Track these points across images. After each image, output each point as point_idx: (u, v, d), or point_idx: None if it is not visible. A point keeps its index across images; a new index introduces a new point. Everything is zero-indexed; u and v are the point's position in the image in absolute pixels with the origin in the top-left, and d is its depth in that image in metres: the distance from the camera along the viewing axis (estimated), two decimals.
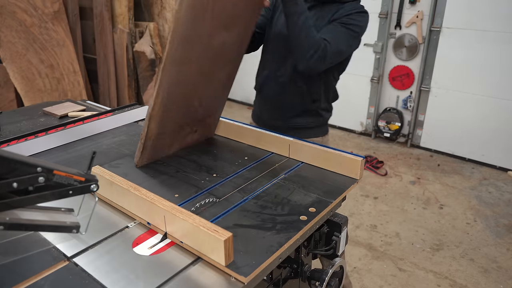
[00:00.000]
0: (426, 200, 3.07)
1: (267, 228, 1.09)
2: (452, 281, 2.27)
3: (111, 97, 4.55)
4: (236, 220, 1.12)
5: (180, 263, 0.98)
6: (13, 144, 1.61)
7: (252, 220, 1.13)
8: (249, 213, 1.16)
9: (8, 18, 3.72)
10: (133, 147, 1.70)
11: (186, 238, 1.00)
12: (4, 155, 0.76)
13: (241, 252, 0.98)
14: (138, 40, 4.50)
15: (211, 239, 0.92)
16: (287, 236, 1.05)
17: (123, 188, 1.12)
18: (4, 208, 0.79)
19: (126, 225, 1.13)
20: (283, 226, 1.10)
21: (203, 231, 0.93)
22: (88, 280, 0.94)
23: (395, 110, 3.96)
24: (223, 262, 0.92)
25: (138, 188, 1.10)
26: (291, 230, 1.08)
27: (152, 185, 1.32)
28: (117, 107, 2.05)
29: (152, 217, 1.08)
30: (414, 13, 3.63)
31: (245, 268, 0.92)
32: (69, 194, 0.85)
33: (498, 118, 3.44)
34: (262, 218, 1.13)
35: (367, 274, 2.31)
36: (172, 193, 1.27)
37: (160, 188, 1.31)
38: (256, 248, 1.00)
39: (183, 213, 0.99)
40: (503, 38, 3.25)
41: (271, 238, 1.04)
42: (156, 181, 1.35)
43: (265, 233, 1.06)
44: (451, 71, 3.59)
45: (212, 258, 0.95)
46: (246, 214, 1.15)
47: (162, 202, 1.04)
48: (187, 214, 0.99)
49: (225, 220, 1.13)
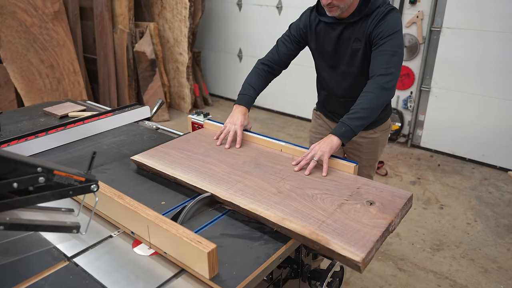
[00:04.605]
0: (427, 200, 3.07)
1: (255, 238, 1.06)
2: (453, 281, 2.27)
3: (111, 97, 4.55)
4: (224, 229, 1.10)
5: (164, 274, 0.95)
6: (13, 144, 1.61)
7: (240, 229, 1.10)
8: (237, 221, 1.14)
9: (9, 18, 3.72)
10: (133, 147, 1.70)
11: (170, 249, 0.97)
12: (4, 155, 0.76)
13: (227, 264, 0.95)
14: (138, 40, 4.51)
15: (194, 250, 0.89)
16: (275, 247, 1.02)
17: (106, 196, 1.08)
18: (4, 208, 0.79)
19: (110, 234, 1.09)
20: (271, 236, 1.07)
21: (186, 243, 0.90)
22: (88, 280, 0.94)
23: (395, 110, 3.96)
24: (207, 274, 0.89)
25: (121, 196, 1.07)
26: (279, 241, 1.05)
27: (139, 192, 1.29)
28: (117, 107, 2.05)
29: (136, 226, 1.04)
30: (414, 13, 3.63)
31: (230, 281, 0.90)
32: (69, 194, 0.85)
33: (499, 118, 3.44)
34: (251, 227, 1.11)
35: (367, 274, 2.31)
36: (159, 200, 1.24)
37: (148, 194, 1.28)
38: (242, 260, 0.97)
39: (166, 223, 0.96)
40: (503, 38, 3.25)
41: (258, 249, 1.02)
42: (143, 188, 1.33)
43: (252, 243, 1.04)
44: (451, 71, 3.58)
45: (195, 271, 0.92)
46: (234, 223, 1.13)
47: (146, 211, 1.01)
48: (171, 224, 0.96)
49: (212, 229, 1.10)
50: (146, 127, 1.95)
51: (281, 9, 4.42)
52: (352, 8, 1.55)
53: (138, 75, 4.58)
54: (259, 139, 1.60)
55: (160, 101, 2.09)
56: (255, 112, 4.93)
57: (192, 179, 1.31)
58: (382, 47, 1.51)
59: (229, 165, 1.41)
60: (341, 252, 0.96)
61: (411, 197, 1.21)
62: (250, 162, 1.43)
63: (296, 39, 1.74)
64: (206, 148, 1.56)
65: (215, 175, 1.34)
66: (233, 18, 4.86)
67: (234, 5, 4.78)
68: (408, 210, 1.21)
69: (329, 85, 1.79)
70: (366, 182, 1.29)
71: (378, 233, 1.02)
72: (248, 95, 1.71)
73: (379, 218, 1.09)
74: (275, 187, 1.25)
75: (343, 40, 1.62)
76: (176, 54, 4.74)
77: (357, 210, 1.13)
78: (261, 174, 1.34)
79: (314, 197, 1.20)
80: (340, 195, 1.21)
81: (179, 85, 4.86)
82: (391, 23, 1.52)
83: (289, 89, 4.57)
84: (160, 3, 4.67)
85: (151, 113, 2.08)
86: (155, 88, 4.61)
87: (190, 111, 4.89)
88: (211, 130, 1.74)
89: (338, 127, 1.45)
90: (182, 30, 4.54)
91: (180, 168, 1.38)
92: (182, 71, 4.74)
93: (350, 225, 1.06)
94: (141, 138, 1.81)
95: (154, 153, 1.50)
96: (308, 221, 1.07)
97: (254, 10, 4.64)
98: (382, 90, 1.48)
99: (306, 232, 1.03)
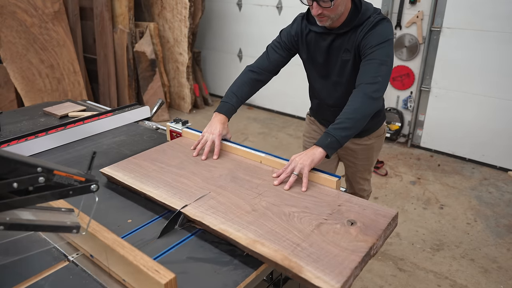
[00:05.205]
0: (427, 200, 3.07)
1: (224, 262, 0.98)
2: (453, 281, 2.27)
3: (111, 97, 4.55)
4: (191, 252, 1.02)
5: None
6: (13, 144, 1.61)
7: (209, 252, 1.02)
8: (206, 243, 1.05)
9: (9, 18, 3.71)
10: (133, 147, 1.70)
11: (128, 276, 0.89)
12: (4, 155, 0.76)
13: None
14: (138, 40, 4.51)
15: (150, 281, 0.81)
16: (245, 273, 0.94)
17: None
18: (4, 208, 0.79)
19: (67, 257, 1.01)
20: (242, 260, 0.99)
21: (143, 271, 0.82)
22: (88, 280, 0.94)
23: (395, 110, 3.96)
24: None
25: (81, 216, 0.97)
26: (250, 266, 0.97)
27: (106, 208, 1.21)
28: (117, 107, 2.05)
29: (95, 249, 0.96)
30: (414, 13, 3.63)
31: None
32: (69, 194, 0.85)
33: (499, 118, 3.44)
34: (221, 249, 1.03)
35: (367, 274, 2.31)
36: (126, 218, 1.16)
37: (115, 211, 1.20)
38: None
39: (124, 248, 0.88)
40: (503, 38, 3.25)
41: (227, 275, 0.94)
42: (111, 203, 1.24)
43: (221, 268, 0.96)
44: (451, 71, 3.58)
45: None
46: (203, 245, 1.05)
47: (104, 233, 0.93)
48: (129, 249, 0.88)
49: (178, 252, 1.02)
50: (146, 127, 1.95)
51: (281, 9, 4.42)
52: (342, 18, 1.51)
53: (138, 75, 4.58)
54: (238, 149, 1.52)
55: (160, 101, 2.09)
56: (255, 112, 4.93)
57: (161, 194, 1.22)
58: (371, 56, 1.46)
59: (204, 178, 1.33)
60: (314, 282, 0.88)
61: (396, 216, 1.13)
62: (226, 176, 1.35)
63: (287, 46, 1.68)
64: (181, 159, 1.47)
65: (187, 190, 1.25)
66: (233, 18, 4.86)
67: (234, 5, 4.78)
68: (393, 229, 1.13)
69: (320, 95, 1.77)
70: (349, 199, 1.21)
71: (357, 259, 0.94)
72: (230, 103, 1.63)
73: (359, 241, 1.01)
74: (250, 204, 1.17)
75: (333, 51, 1.58)
76: (176, 54, 4.74)
77: (336, 231, 1.05)
78: (237, 189, 1.26)
79: (291, 215, 1.12)
80: (319, 214, 1.13)
81: (179, 85, 4.86)
82: (380, 32, 1.47)
83: (289, 89, 4.57)
84: (160, 3, 4.67)
85: (151, 113, 2.08)
86: (155, 88, 4.61)
87: (190, 111, 4.89)
88: (189, 140, 1.65)
89: (323, 137, 1.38)
90: (182, 30, 4.54)
91: (150, 182, 1.30)
92: (182, 71, 4.74)
93: (327, 249, 0.98)
94: (141, 138, 1.81)
95: (125, 165, 1.41)
96: (281, 244, 0.99)
97: (254, 10, 4.64)
98: (369, 99, 1.42)
99: (278, 257, 0.94)
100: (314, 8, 1.44)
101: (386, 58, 1.47)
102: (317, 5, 1.42)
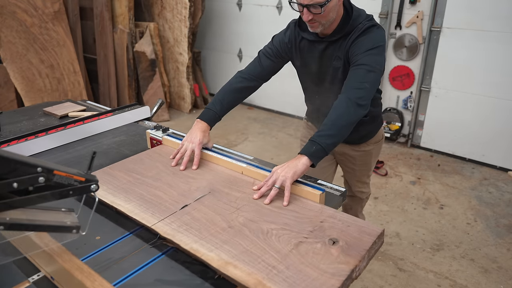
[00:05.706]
0: (426, 200, 3.07)
1: (195, 285, 0.91)
2: (453, 281, 2.27)
3: (111, 97, 4.55)
4: (160, 274, 0.94)
5: None
6: (13, 144, 1.61)
7: (180, 273, 0.94)
8: (177, 263, 0.98)
9: (9, 18, 3.72)
10: (133, 147, 1.70)
11: None
12: (4, 155, 0.76)
13: None
14: (138, 40, 4.51)
15: None
16: None
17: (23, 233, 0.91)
18: (4, 208, 0.79)
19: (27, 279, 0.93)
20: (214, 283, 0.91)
21: None
22: None
23: (395, 110, 3.96)
24: None
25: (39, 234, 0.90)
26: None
27: None
28: (117, 107, 2.05)
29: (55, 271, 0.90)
30: (414, 13, 3.63)
31: None
32: (69, 194, 0.85)
33: (499, 118, 3.44)
34: (192, 270, 0.95)
35: (367, 274, 2.31)
36: (95, 235, 1.07)
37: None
38: None
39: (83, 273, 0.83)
40: (503, 38, 3.25)
41: None
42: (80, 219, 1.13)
43: None
44: (451, 71, 3.58)
45: None
46: (173, 266, 0.97)
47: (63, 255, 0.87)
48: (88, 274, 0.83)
49: (146, 273, 0.94)
50: (146, 127, 1.95)
51: (281, 9, 4.42)
52: (334, 25, 1.49)
53: (138, 75, 4.58)
54: (219, 159, 1.45)
55: (160, 101, 2.09)
56: (255, 112, 4.93)
57: (133, 209, 1.15)
58: (359, 62, 1.43)
59: (180, 191, 1.26)
60: None
61: (382, 234, 1.06)
62: (204, 188, 1.28)
63: (279, 54, 1.64)
64: (159, 170, 1.40)
65: (162, 204, 1.18)
66: (233, 18, 4.86)
67: (234, 5, 4.78)
68: (378, 248, 1.05)
69: (316, 102, 1.76)
70: (332, 214, 1.14)
71: (337, 284, 0.87)
72: (214, 110, 1.57)
73: (340, 263, 0.94)
74: (226, 221, 1.11)
75: (325, 58, 1.56)
76: (176, 54, 4.74)
77: (316, 251, 0.98)
78: (214, 203, 1.20)
79: (269, 233, 1.05)
80: (299, 231, 1.06)
81: (179, 85, 4.86)
82: (370, 39, 1.44)
83: (289, 89, 4.57)
84: (160, 3, 4.67)
85: (151, 113, 2.08)
86: (155, 88, 4.62)
87: (190, 111, 4.90)
88: (170, 148, 1.57)
89: (309, 145, 1.32)
90: (182, 30, 4.54)
91: (123, 196, 1.22)
92: (182, 71, 4.74)
93: (305, 272, 0.91)
94: (141, 138, 1.81)
95: (100, 175, 1.30)
96: (256, 267, 0.92)
97: (254, 10, 4.64)
98: (354, 106, 1.37)
99: (251, 282, 0.87)
100: (305, 14, 1.40)
101: (375, 65, 1.43)
102: (307, 11, 1.39)
